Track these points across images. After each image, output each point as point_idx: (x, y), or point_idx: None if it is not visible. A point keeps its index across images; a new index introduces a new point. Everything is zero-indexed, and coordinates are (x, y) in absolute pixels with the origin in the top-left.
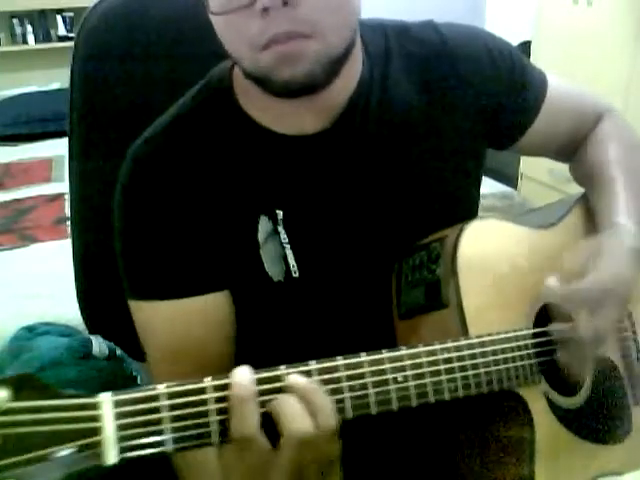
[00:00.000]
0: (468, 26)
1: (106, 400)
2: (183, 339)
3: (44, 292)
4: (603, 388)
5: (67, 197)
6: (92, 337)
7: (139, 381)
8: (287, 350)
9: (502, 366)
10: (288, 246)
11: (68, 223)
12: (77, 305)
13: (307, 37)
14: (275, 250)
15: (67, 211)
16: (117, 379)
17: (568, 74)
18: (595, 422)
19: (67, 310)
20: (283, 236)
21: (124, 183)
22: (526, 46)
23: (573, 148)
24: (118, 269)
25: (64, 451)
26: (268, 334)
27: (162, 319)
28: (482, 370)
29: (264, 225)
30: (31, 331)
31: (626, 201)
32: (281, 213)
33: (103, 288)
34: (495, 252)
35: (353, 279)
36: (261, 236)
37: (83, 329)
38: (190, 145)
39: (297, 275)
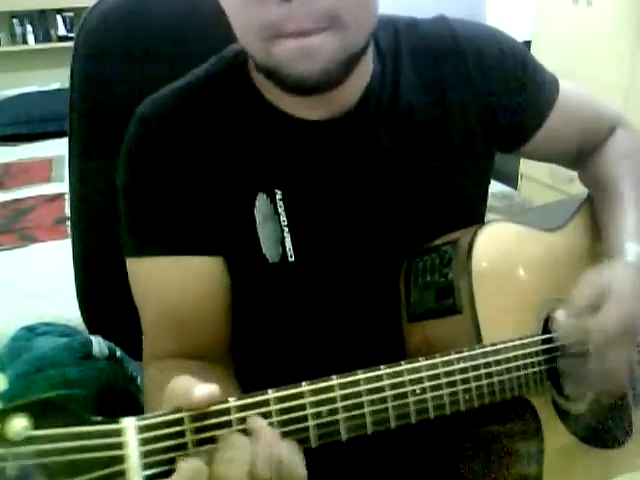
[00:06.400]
0: (481, 24)
1: (130, 426)
2: (177, 301)
3: (44, 292)
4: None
5: (67, 197)
6: (92, 337)
7: (139, 381)
8: (282, 339)
9: (514, 374)
10: (286, 229)
11: (68, 223)
12: (77, 305)
13: (327, 32)
14: (273, 231)
15: (67, 211)
16: (117, 379)
17: (568, 74)
18: (598, 426)
19: (67, 310)
20: (282, 218)
21: (129, 142)
22: (526, 46)
23: (582, 156)
24: (118, 265)
25: None
26: (263, 320)
27: (159, 276)
28: (496, 379)
29: (262, 203)
30: (31, 331)
31: (636, 220)
32: (280, 193)
33: (103, 288)
34: (508, 257)
35: (349, 269)
36: (259, 214)
37: (83, 329)
38: (198, 113)
39: (293, 259)
